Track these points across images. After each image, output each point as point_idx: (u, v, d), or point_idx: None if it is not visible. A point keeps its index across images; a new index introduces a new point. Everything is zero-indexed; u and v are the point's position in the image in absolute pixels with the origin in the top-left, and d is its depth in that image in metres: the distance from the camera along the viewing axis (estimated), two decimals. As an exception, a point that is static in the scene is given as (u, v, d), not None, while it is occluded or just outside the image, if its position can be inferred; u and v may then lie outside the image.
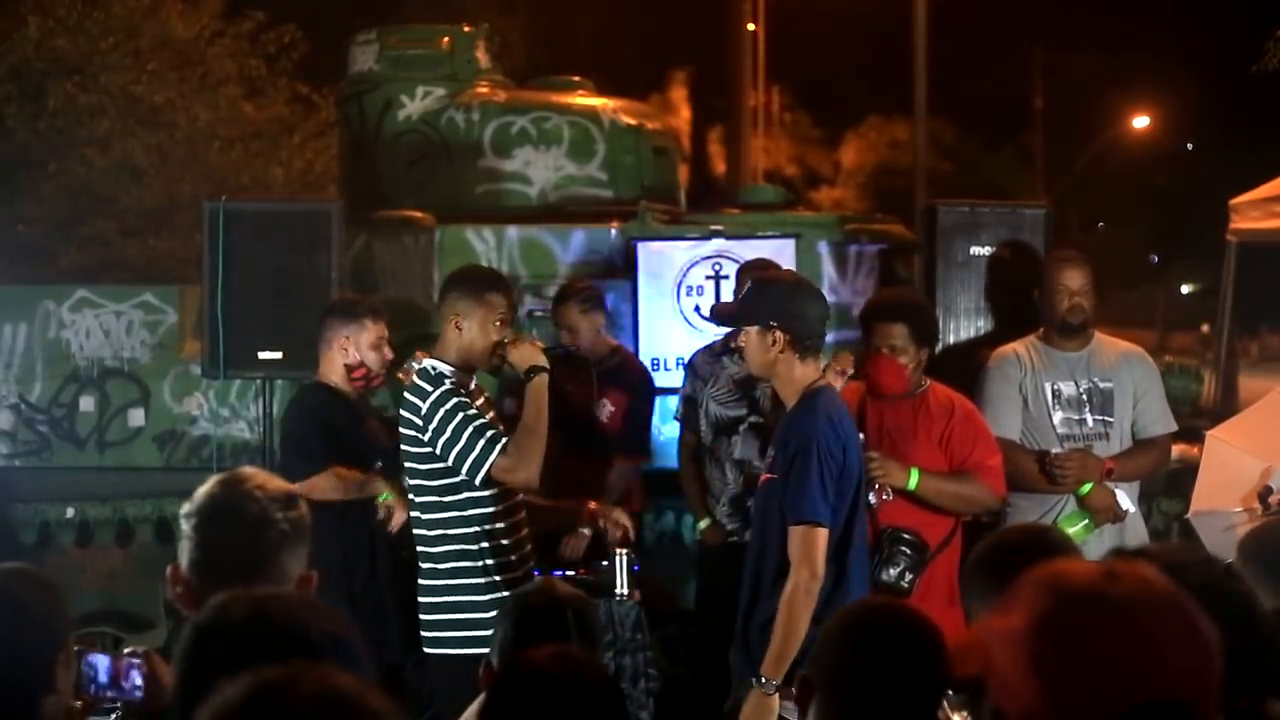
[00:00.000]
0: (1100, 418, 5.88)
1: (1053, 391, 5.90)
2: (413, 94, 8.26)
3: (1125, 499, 5.77)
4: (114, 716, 2.75)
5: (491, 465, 4.63)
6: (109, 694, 2.75)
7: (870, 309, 5.56)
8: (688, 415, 6.57)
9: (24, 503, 7.36)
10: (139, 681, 2.75)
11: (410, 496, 4.83)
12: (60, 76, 14.87)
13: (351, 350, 5.63)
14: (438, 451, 4.67)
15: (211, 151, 15.96)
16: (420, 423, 4.68)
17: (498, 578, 4.72)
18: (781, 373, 4.54)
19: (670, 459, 6.89)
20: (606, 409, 6.70)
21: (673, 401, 6.81)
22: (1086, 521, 5.71)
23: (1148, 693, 1.70)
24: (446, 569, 4.75)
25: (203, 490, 2.79)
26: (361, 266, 7.51)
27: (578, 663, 2.62)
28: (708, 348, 6.64)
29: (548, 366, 4.81)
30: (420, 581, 4.83)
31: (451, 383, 4.72)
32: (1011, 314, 6.75)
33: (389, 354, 5.75)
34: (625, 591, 6.16)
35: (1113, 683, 1.70)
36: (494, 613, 4.52)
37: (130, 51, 15.37)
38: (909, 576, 5.03)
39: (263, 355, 6.68)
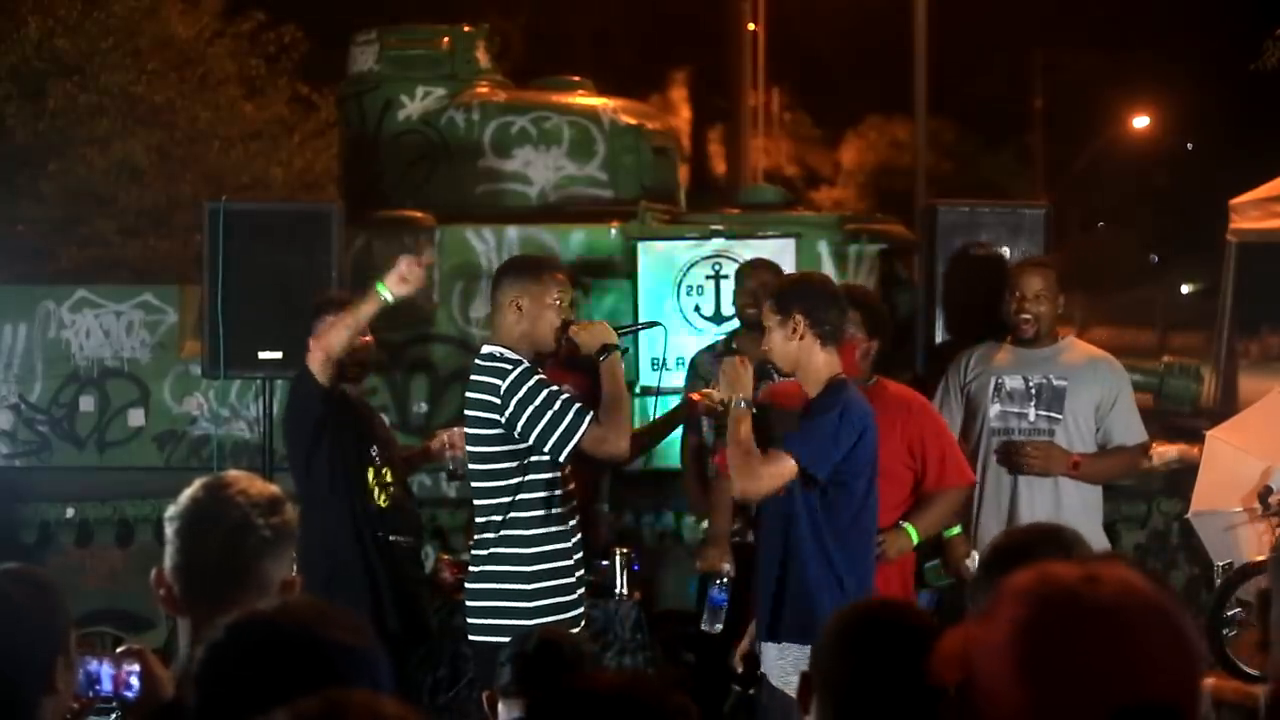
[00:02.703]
0: (1045, 413, 5.82)
1: (995, 385, 5.89)
2: (413, 94, 8.25)
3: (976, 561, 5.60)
4: (113, 717, 2.75)
5: (583, 437, 4.54)
6: (107, 695, 2.74)
7: None
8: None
9: (24, 503, 7.36)
10: (136, 682, 2.74)
11: (473, 483, 4.76)
12: (60, 76, 14.85)
13: None
14: (516, 432, 4.57)
15: (211, 151, 15.95)
16: (498, 402, 4.57)
17: (544, 566, 4.66)
18: (804, 361, 4.60)
19: (671, 459, 6.89)
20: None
21: (672, 401, 6.79)
22: (936, 563, 5.60)
23: (1136, 695, 1.68)
24: (502, 554, 4.67)
25: (186, 494, 2.77)
26: (361, 266, 7.50)
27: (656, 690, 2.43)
28: (709, 348, 6.63)
29: (620, 344, 4.74)
30: (471, 569, 4.78)
31: (528, 363, 4.64)
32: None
33: (369, 338, 5.66)
34: (625, 591, 6.17)
35: (1100, 686, 1.68)
36: (540, 602, 4.54)
37: (130, 51, 15.35)
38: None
39: (263, 355, 6.68)
